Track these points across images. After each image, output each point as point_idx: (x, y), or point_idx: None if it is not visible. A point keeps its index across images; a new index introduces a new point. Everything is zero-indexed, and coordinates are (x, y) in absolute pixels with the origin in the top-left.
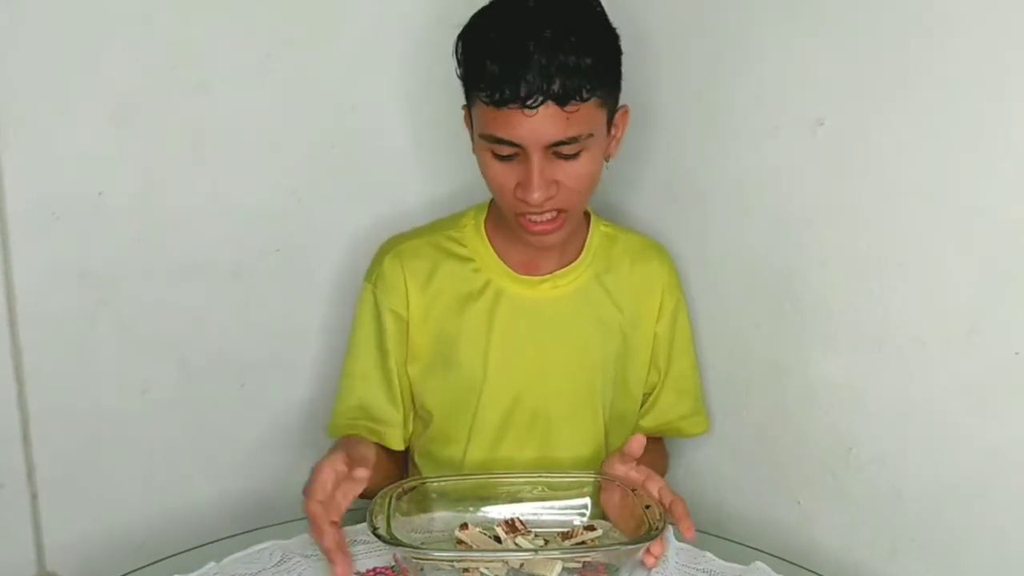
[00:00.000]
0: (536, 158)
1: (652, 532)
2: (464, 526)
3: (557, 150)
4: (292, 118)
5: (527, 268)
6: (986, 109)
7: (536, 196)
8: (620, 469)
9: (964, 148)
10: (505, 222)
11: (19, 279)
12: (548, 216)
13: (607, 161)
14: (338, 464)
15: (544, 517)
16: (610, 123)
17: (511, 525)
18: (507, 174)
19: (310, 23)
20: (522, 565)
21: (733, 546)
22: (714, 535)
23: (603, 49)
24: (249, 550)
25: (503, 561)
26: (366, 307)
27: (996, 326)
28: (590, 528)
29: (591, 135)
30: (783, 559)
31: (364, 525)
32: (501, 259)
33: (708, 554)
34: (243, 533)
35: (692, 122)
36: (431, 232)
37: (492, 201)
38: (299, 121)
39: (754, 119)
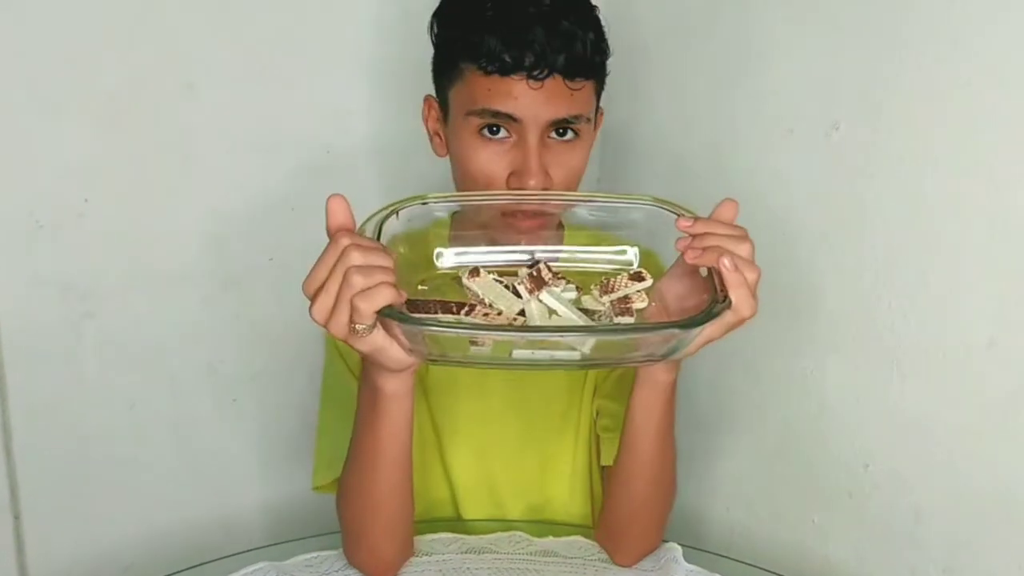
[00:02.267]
0: (534, 138)
1: (715, 306)
2: (475, 271)
3: (553, 131)
4: (285, 121)
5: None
6: (1008, 113)
7: (532, 183)
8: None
9: (985, 153)
10: (471, 230)
11: (0, 290)
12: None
13: None
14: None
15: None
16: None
17: (535, 276)
18: (498, 162)
19: (304, 22)
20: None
21: (745, 567)
22: (725, 556)
23: (600, 30)
24: (242, 572)
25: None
26: (331, 349)
27: (1018, 337)
28: (637, 277)
29: (588, 120)
30: None
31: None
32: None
33: None
34: (236, 555)
35: (700, 125)
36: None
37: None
38: (292, 124)
39: (766, 122)
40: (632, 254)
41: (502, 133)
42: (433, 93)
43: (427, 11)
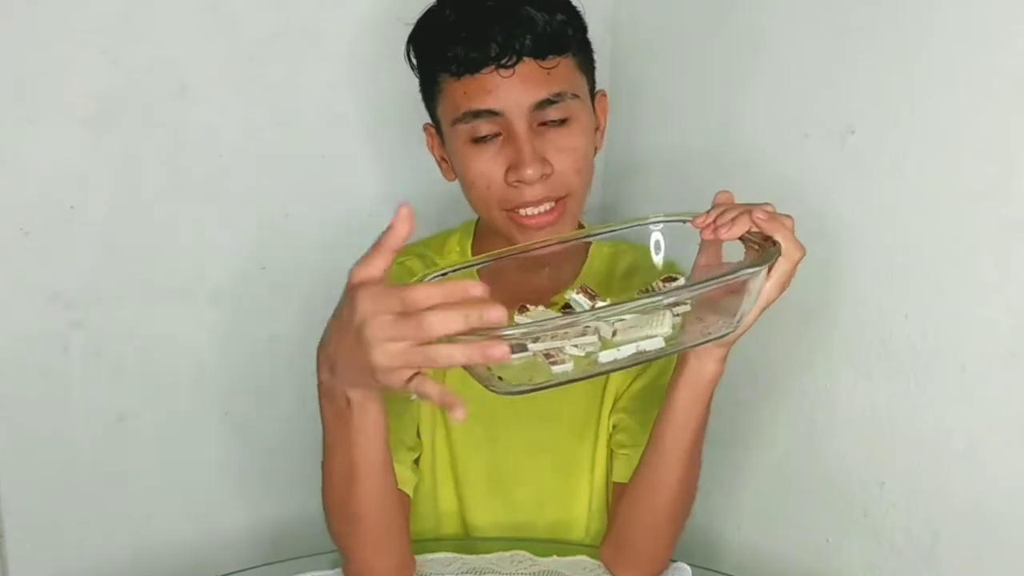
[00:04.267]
0: (522, 127)
1: (769, 251)
2: (523, 307)
3: (542, 116)
4: (279, 126)
5: (517, 302)
6: None
7: (530, 172)
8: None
9: (1006, 159)
10: (493, 243)
11: None
12: (545, 207)
13: (595, 154)
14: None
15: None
16: (592, 100)
17: (586, 290)
18: (493, 162)
19: (298, 25)
20: (614, 333)
21: None
22: None
23: (569, 9)
24: None
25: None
26: None
27: None
28: (670, 280)
29: (576, 96)
30: None
31: None
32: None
33: None
34: (229, 575)
35: (713, 129)
36: (420, 253)
37: (478, 222)
38: (286, 129)
39: (780, 127)
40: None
41: (489, 130)
42: (429, 121)
43: (420, 13)
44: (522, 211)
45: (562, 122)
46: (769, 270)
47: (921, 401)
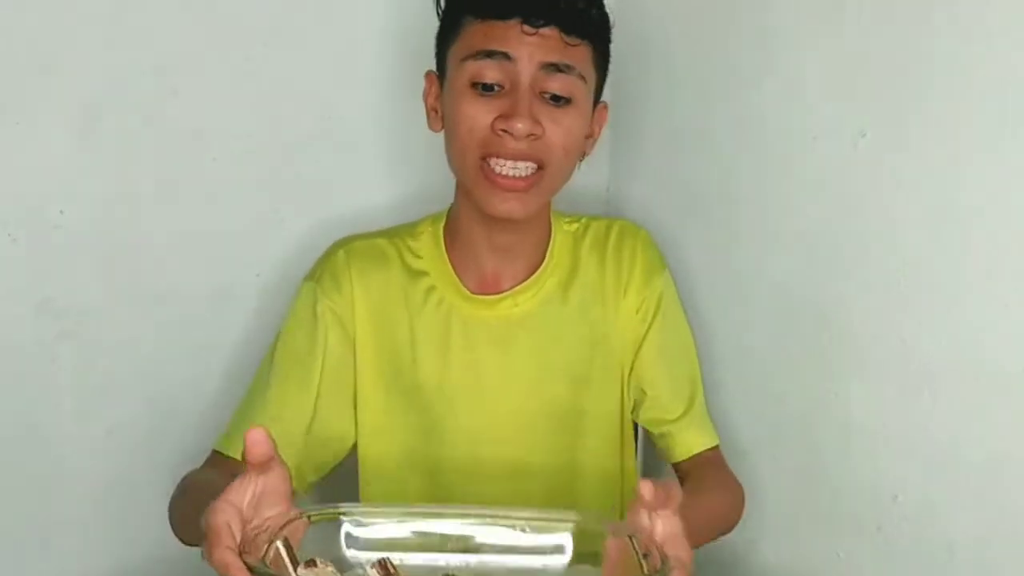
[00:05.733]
0: (526, 80)
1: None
2: (311, 562)
3: (548, 82)
4: (272, 127)
5: (485, 284)
6: None
7: (520, 126)
8: (644, 522)
9: (1021, 162)
10: (465, 227)
11: None
12: (523, 170)
13: (580, 160)
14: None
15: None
16: (594, 106)
17: (383, 567)
18: (485, 108)
19: (291, 23)
20: None
21: None
22: None
23: (603, 10)
24: None
25: None
26: (304, 313)
27: None
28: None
29: (583, 80)
30: None
31: None
32: (457, 274)
33: None
34: None
35: (718, 132)
36: (388, 237)
37: (451, 209)
38: (280, 131)
39: (788, 129)
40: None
41: (494, 77)
42: (434, 68)
43: (421, 11)
44: (497, 165)
45: (563, 102)
46: None
47: (934, 412)
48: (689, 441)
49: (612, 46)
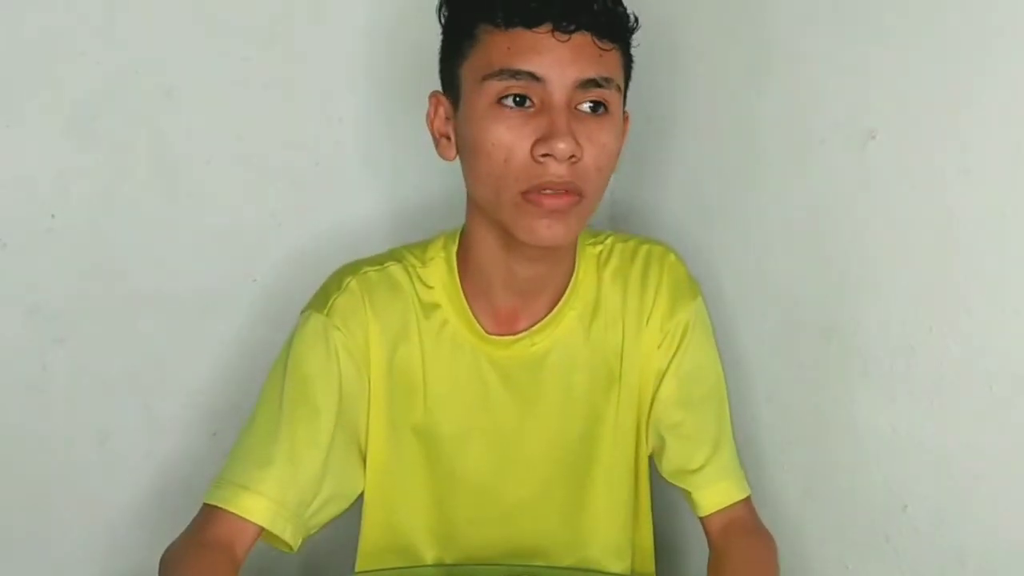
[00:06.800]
0: (562, 100)
1: None
2: None
3: (582, 97)
4: (270, 131)
5: (500, 321)
6: None
7: (562, 146)
8: None
9: None
10: (483, 258)
11: None
12: (565, 192)
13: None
14: None
15: None
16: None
17: None
18: (519, 132)
19: (290, 27)
20: None
21: None
22: None
23: (626, 11)
24: None
25: None
26: (314, 351)
27: None
28: None
29: (618, 89)
30: None
31: None
32: (472, 308)
33: None
34: None
35: (724, 134)
36: (400, 258)
37: (462, 231)
38: (278, 134)
39: (795, 131)
40: None
41: (519, 103)
42: (440, 89)
43: (419, 14)
44: (542, 190)
45: (599, 111)
46: None
47: (946, 421)
48: (712, 494)
49: None
